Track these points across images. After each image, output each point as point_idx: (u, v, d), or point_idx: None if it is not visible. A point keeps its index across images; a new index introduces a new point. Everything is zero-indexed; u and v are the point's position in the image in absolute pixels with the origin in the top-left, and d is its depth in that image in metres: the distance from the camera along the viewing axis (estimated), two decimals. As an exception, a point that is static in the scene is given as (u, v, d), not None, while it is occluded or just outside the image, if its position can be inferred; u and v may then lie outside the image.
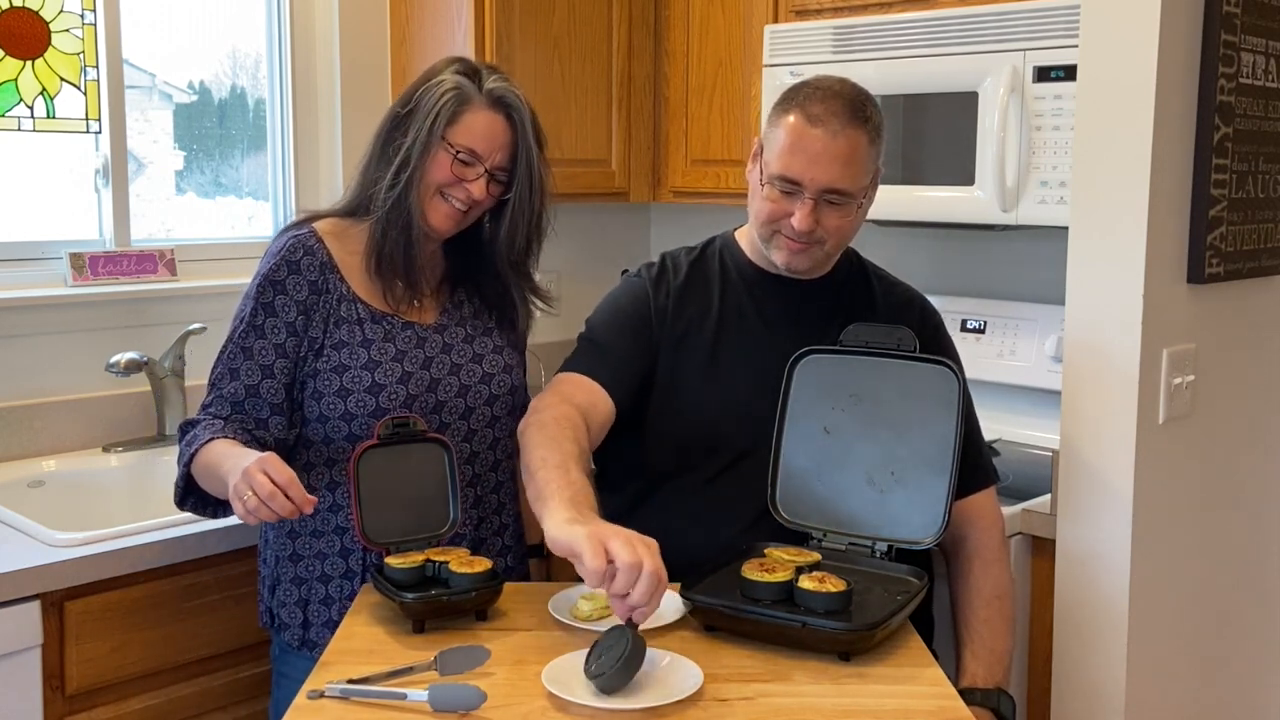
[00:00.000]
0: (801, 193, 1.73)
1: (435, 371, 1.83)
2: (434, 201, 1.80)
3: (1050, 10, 2.27)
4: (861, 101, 1.76)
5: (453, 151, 1.77)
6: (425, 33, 2.83)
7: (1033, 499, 2.14)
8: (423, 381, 1.81)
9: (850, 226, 1.80)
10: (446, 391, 1.84)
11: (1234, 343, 2.16)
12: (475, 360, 1.88)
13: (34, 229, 2.49)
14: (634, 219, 3.45)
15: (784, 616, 1.52)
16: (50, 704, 1.83)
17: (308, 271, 1.79)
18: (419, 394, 1.81)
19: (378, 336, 1.81)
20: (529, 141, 1.82)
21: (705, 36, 2.92)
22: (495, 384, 1.88)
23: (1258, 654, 2.37)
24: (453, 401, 1.84)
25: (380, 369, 1.79)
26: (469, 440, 1.86)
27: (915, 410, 1.73)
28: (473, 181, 1.79)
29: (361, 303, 1.82)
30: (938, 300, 2.76)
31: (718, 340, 1.86)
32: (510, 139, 1.81)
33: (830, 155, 1.71)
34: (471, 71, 1.82)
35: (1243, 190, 2.05)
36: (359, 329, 1.80)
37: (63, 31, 2.47)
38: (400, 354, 1.81)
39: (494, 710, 1.36)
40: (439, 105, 1.77)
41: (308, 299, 1.79)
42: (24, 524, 1.95)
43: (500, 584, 1.63)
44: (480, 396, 1.87)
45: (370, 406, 1.78)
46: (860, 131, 1.73)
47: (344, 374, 1.78)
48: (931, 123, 2.49)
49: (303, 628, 1.82)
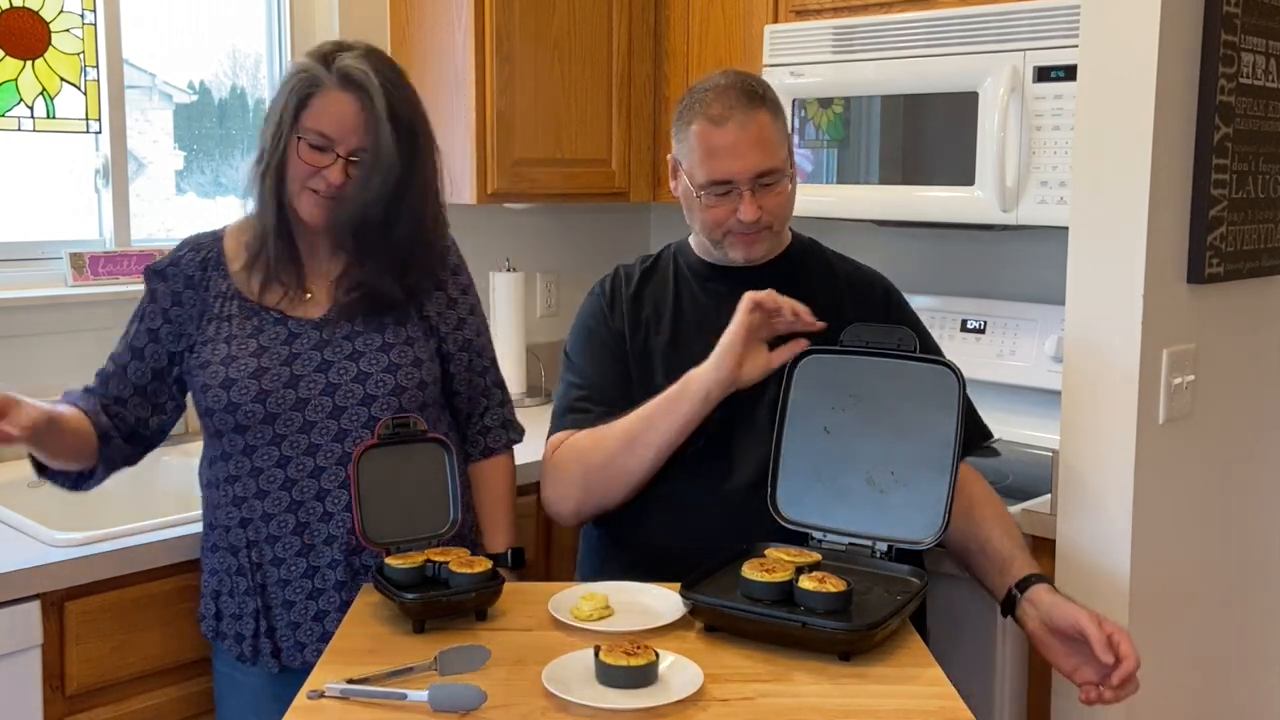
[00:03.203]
0: (736, 187, 1.80)
1: (298, 368, 1.77)
2: (302, 194, 1.74)
3: (1050, 10, 2.27)
4: (751, 84, 1.83)
5: (305, 138, 1.71)
6: (425, 33, 2.83)
7: (1033, 499, 2.14)
8: (280, 377, 1.76)
9: (788, 200, 1.87)
10: (310, 389, 1.77)
11: (1234, 343, 2.16)
12: (351, 358, 1.79)
13: (34, 229, 2.49)
14: (634, 219, 3.45)
15: (784, 616, 1.52)
16: (50, 704, 1.82)
17: (187, 266, 1.82)
18: (273, 389, 1.75)
19: (242, 332, 1.78)
20: (378, 119, 1.70)
21: (705, 36, 2.92)
22: (373, 384, 1.79)
23: (1258, 653, 2.37)
24: (317, 399, 1.77)
25: (235, 364, 1.76)
26: (340, 440, 1.78)
27: (915, 410, 1.73)
28: (329, 168, 1.71)
29: (240, 299, 1.80)
30: (938, 300, 2.78)
31: (676, 333, 1.90)
32: (365, 119, 1.71)
33: (747, 144, 1.78)
34: (327, 52, 1.74)
35: (1243, 190, 2.05)
36: (226, 325, 1.79)
37: (63, 31, 2.47)
38: (261, 349, 1.77)
39: (494, 710, 1.36)
40: (289, 92, 1.72)
41: (183, 292, 1.81)
42: (24, 524, 1.95)
43: (500, 584, 1.63)
44: (353, 396, 1.78)
45: (223, 401, 1.76)
46: (762, 110, 1.81)
47: (205, 369, 1.77)
48: (931, 123, 2.49)
49: (252, 637, 1.79)
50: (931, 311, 2.74)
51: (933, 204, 2.48)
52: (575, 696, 1.36)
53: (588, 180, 2.95)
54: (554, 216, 3.29)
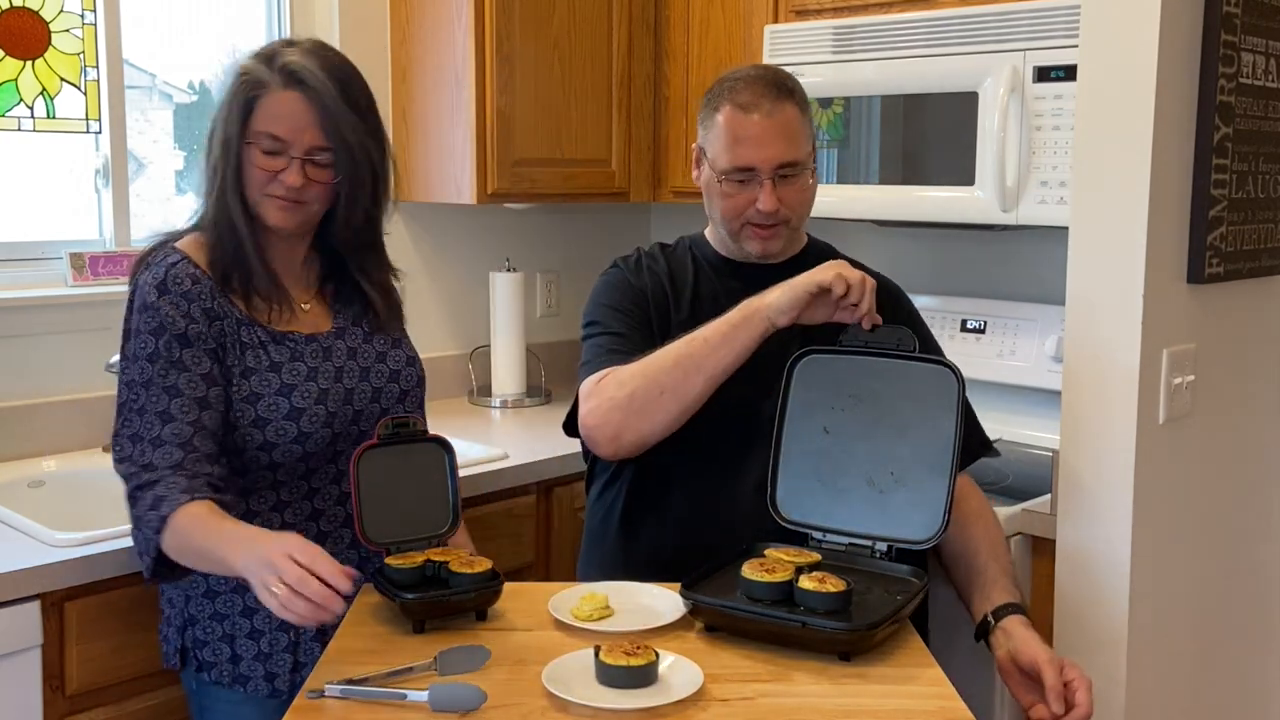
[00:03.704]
0: (757, 176, 1.80)
1: (348, 381, 1.75)
2: (264, 201, 1.68)
3: (1050, 10, 2.27)
4: (781, 78, 1.84)
5: (257, 143, 1.65)
6: (425, 33, 2.83)
7: (1033, 499, 2.14)
8: (339, 396, 1.73)
9: (808, 197, 1.88)
10: (362, 399, 1.76)
11: (1234, 343, 2.16)
12: (380, 359, 1.80)
13: (34, 229, 2.49)
14: (634, 219, 3.45)
15: (784, 616, 1.52)
16: (50, 704, 1.82)
17: (200, 299, 1.66)
18: (337, 410, 1.73)
19: (285, 358, 1.71)
20: (333, 114, 1.64)
21: (705, 36, 2.92)
22: (404, 379, 1.81)
23: (1258, 653, 2.37)
24: (368, 408, 1.77)
25: (296, 392, 1.70)
26: (334, 461, 1.76)
27: (915, 410, 1.73)
28: (285, 170, 1.65)
29: (259, 325, 1.70)
30: (938, 300, 2.78)
31: (694, 316, 1.88)
32: (317, 116, 1.65)
33: (772, 133, 1.79)
34: (270, 51, 1.67)
35: (1243, 190, 2.05)
36: (263, 353, 1.70)
37: (63, 31, 2.47)
38: (312, 371, 1.73)
39: (494, 710, 1.36)
40: (233, 97, 1.65)
41: (212, 326, 1.66)
42: (24, 524, 1.95)
43: (500, 584, 1.63)
44: (391, 395, 1.80)
45: (292, 434, 1.69)
46: (790, 103, 1.82)
47: (258, 403, 1.68)
48: (931, 123, 2.49)
49: (231, 663, 1.73)
50: (931, 311, 2.73)
51: (933, 204, 2.48)
52: (575, 696, 1.36)
53: (588, 180, 2.95)
54: (554, 216, 3.30)
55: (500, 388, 3.02)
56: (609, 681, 1.39)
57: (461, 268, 3.10)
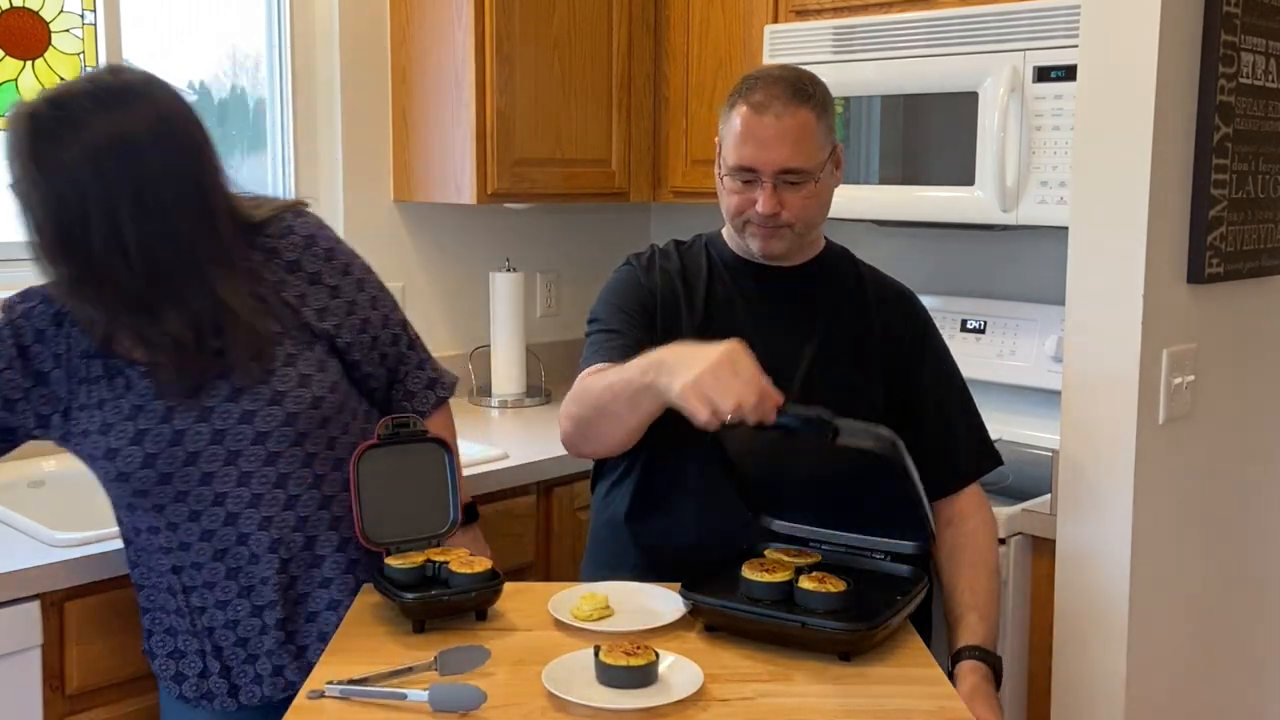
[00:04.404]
0: (760, 178, 1.78)
1: (178, 423, 1.63)
2: None
3: (1050, 10, 2.27)
4: (803, 82, 1.81)
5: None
6: (425, 33, 2.83)
7: (1033, 499, 2.14)
8: (162, 437, 1.62)
9: (815, 205, 1.83)
10: (196, 442, 1.63)
11: (1234, 343, 2.16)
12: (231, 399, 1.64)
13: (34, 229, 2.48)
14: (634, 219, 3.45)
15: (784, 616, 1.52)
16: (50, 704, 1.83)
17: (38, 320, 1.67)
18: (159, 451, 1.62)
19: (113, 395, 1.65)
20: (26, 151, 1.54)
21: (705, 36, 2.92)
22: (261, 420, 1.64)
23: (1258, 653, 2.37)
24: (208, 450, 1.63)
25: (113, 431, 1.63)
26: (246, 484, 1.66)
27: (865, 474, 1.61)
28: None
29: (100, 358, 1.64)
30: (938, 300, 2.78)
31: (707, 320, 1.88)
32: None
33: (780, 137, 1.76)
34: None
35: (1243, 190, 2.05)
36: (95, 388, 1.65)
37: (63, 31, 2.47)
38: (136, 410, 1.64)
39: (494, 710, 1.36)
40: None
41: (34, 348, 1.66)
42: (24, 524, 1.95)
43: (500, 584, 1.63)
44: (244, 438, 1.64)
45: (111, 473, 1.65)
46: (805, 109, 1.78)
47: (86, 439, 1.66)
48: (931, 123, 2.49)
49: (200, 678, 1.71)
50: (931, 311, 2.72)
51: (933, 204, 2.48)
52: (575, 696, 1.36)
53: (588, 180, 2.95)
54: (554, 216, 3.30)
55: (500, 388, 3.02)
56: (609, 681, 1.39)
57: (461, 268, 3.10)
